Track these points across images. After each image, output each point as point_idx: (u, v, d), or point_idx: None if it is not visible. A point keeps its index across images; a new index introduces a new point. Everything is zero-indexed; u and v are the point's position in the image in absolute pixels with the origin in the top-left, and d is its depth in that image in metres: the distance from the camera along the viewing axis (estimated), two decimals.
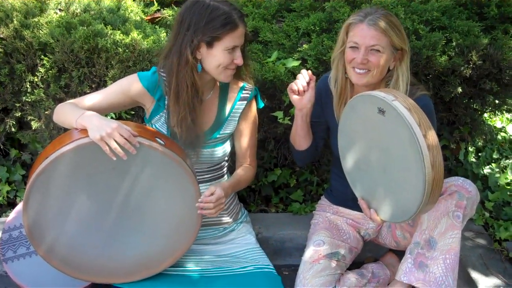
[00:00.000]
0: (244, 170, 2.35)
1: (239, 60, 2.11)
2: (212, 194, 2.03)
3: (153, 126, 2.25)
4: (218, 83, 2.28)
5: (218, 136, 2.27)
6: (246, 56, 2.22)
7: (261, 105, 2.38)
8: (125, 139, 1.83)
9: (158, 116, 2.22)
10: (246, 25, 2.13)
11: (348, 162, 2.15)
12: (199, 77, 2.14)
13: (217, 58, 2.08)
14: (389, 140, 1.89)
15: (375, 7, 2.17)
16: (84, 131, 1.88)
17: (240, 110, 2.29)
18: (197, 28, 2.04)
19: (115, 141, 1.82)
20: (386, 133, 1.90)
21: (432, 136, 1.78)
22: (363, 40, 2.10)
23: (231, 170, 2.89)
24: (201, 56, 2.10)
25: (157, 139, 1.94)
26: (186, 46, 2.05)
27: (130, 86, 2.16)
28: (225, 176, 2.41)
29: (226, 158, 2.38)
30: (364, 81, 2.14)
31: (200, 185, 2.09)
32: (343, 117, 2.10)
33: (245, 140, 2.34)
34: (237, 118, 2.30)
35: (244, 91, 2.29)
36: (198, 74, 2.12)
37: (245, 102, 2.29)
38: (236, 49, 2.10)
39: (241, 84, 2.29)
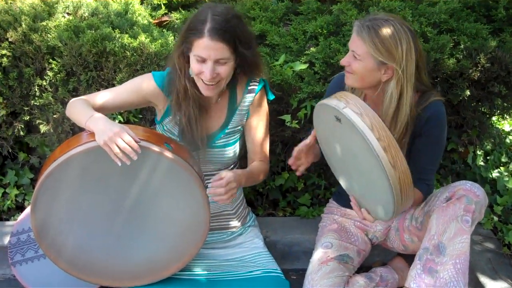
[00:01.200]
0: (256, 164, 2.29)
1: (205, 74, 2.01)
2: (221, 178, 1.97)
3: (165, 127, 2.24)
4: (229, 86, 2.25)
5: (227, 131, 2.25)
6: (246, 68, 2.16)
7: (272, 97, 2.34)
8: (127, 143, 1.82)
9: (171, 117, 2.21)
10: (223, 41, 1.98)
11: (334, 167, 2.17)
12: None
13: (191, 64, 2.05)
14: (353, 146, 1.89)
15: (383, 14, 2.15)
16: (92, 134, 1.89)
17: (248, 102, 2.26)
18: (181, 31, 2.06)
19: (117, 146, 1.82)
20: (347, 139, 1.90)
21: (387, 137, 1.77)
22: (350, 43, 2.12)
23: None
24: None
25: (165, 144, 1.94)
26: (176, 50, 2.07)
27: (144, 84, 2.16)
28: None
29: (236, 161, 2.37)
30: (349, 82, 2.15)
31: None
32: (315, 126, 2.10)
33: (255, 134, 2.29)
34: (246, 111, 2.27)
35: (251, 83, 2.26)
36: (192, 80, 2.11)
37: (253, 94, 2.26)
38: (207, 62, 2.00)
39: (246, 79, 2.26)
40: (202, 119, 2.17)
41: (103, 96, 2.13)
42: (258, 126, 2.30)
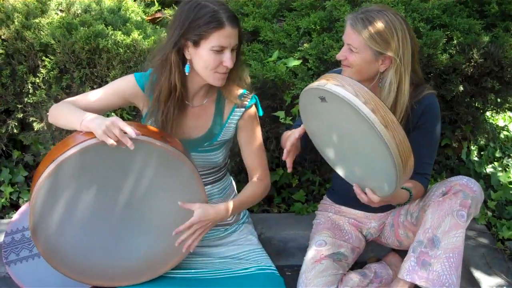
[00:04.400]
0: (252, 189, 2.24)
1: (228, 62, 2.02)
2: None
3: None
4: (215, 88, 2.21)
5: (215, 142, 2.23)
6: (240, 60, 2.14)
7: (261, 113, 2.31)
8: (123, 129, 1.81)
9: (153, 118, 2.19)
10: (238, 27, 2.04)
11: (329, 157, 2.15)
12: (192, 79, 2.11)
13: (204, 58, 2.01)
14: (342, 122, 1.89)
15: (375, 6, 2.15)
16: (88, 133, 1.87)
17: (237, 117, 2.22)
18: (183, 26, 2.00)
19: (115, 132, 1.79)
20: (336, 117, 1.89)
21: (374, 100, 1.76)
22: (344, 37, 2.13)
23: (234, 171, 2.90)
24: (190, 56, 2.05)
25: (161, 138, 1.94)
26: (171, 45, 2.02)
27: (126, 86, 2.14)
28: (225, 177, 2.38)
29: (225, 162, 2.36)
30: (346, 75, 2.13)
31: None
32: (303, 119, 2.10)
33: (250, 150, 2.27)
34: (235, 125, 2.24)
35: (242, 98, 2.21)
36: (183, 76, 2.08)
37: (243, 109, 2.22)
38: (225, 51, 2.01)
39: (240, 91, 2.21)
40: (179, 121, 2.15)
41: (85, 99, 2.10)
42: (251, 141, 2.27)
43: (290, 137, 2.11)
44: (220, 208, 2.07)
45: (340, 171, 2.13)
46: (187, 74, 2.08)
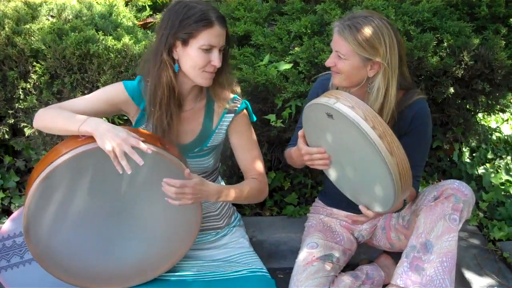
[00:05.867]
0: (249, 183, 2.21)
1: (216, 62, 2.02)
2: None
3: None
4: (205, 93, 2.21)
5: (205, 148, 2.23)
6: (228, 63, 2.15)
7: (254, 118, 2.30)
8: (135, 147, 1.81)
9: (143, 125, 2.17)
10: (226, 27, 2.06)
11: (328, 170, 2.16)
12: (180, 82, 2.11)
13: (192, 57, 2.02)
14: (347, 140, 1.90)
15: (362, 12, 2.16)
16: (89, 138, 1.87)
17: (227, 122, 2.22)
18: (172, 26, 2.01)
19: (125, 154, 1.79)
20: (341, 134, 1.91)
21: (381, 125, 1.79)
22: (332, 44, 2.13)
23: (226, 174, 2.90)
24: (177, 56, 2.05)
25: (158, 143, 1.94)
26: (163, 45, 2.02)
27: (115, 94, 2.12)
28: (217, 181, 2.37)
29: (216, 166, 2.36)
30: (336, 82, 2.15)
31: None
32: (305, 131, 2.11)
33: (244, 154, 2.25)
34: (225, 131, 2.23)
35: (232, 103, 2.21)
36: (176, 76, 2.07)
37: (233, 115, 2.21)
38: (213, 50, 2.02)
39: (231, 96, 2.21)
40: (180, 120, 2.15)
41: (75, 105, 2.08)
42: (244, 146, 2.25)
43: (304, 153, 2.10)
44: (212, 188, 2.03)
45: (337, 183, 2.15)
46: (177, 74, 2.08)
